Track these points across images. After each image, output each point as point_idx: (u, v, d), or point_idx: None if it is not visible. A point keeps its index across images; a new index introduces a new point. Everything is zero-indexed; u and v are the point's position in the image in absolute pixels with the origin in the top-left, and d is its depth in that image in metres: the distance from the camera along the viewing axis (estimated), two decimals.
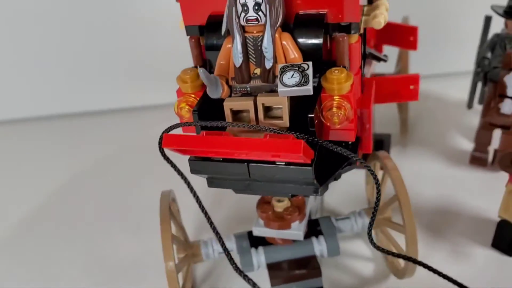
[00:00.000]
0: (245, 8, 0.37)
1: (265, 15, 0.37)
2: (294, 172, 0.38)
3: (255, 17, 0.37)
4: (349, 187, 0.64)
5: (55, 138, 0.90)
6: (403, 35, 0.58)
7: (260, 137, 0.37)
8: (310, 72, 0.36)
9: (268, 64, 0.38)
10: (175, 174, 0.42)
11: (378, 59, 0.51)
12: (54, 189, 0.74)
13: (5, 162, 0.84)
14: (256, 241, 0.51)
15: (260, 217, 0.49)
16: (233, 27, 0.38)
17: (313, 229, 0.51)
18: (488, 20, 0.63)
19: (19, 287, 0.58)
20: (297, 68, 0.37)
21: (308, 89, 0.36)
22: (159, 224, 0.47)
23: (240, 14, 0.37)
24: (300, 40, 0.39)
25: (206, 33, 0.41)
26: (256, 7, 0.37)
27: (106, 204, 0.70)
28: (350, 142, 0.44)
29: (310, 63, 0.37)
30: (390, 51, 0.61)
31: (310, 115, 0.37)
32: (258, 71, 0.39)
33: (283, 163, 0.38)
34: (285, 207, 0.48)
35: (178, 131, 0.40)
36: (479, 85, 0.67)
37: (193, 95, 0.41)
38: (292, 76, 0.37)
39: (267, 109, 0.39)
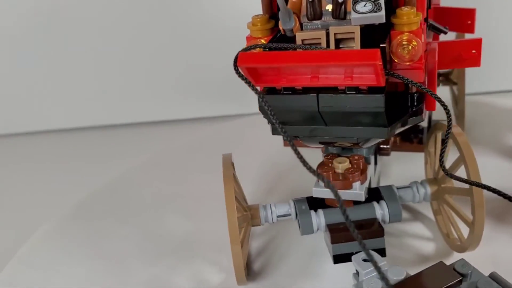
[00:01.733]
0: None
1: None
2: (365, 101, 0.38)
3: None
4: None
5: (112, 143, 0.94)
6: (460, 19, 0.59)
7: None
8: (382, 1, 0.38)
9: None
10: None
11: (439, 31, 0.52)
12: (112, 180, 0.75)
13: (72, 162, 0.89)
14: (315, 206, 0.50)
15: None
16: None
17: (374, 196, 0.50)
18: None
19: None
20: None
21: (380, 16, 0.37)
22: (222, 178, 0.47)
23: None
24: None
25: None
26: None
27: (157, 194, 0.70)
28: (415, 94, 0.44)
29: None
30: None
31: (382, 45, 0.38)
32: (329, 7, 0.40)
33: (354, 92, 0.38)
34: (346, 168, 0.48)
35: None
36: None
37: (262, 40, 0.43)
38: (365, 5, 0.38)
39: (338, 44, 0.40)
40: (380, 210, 0.49)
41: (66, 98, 0.97)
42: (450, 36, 0.66)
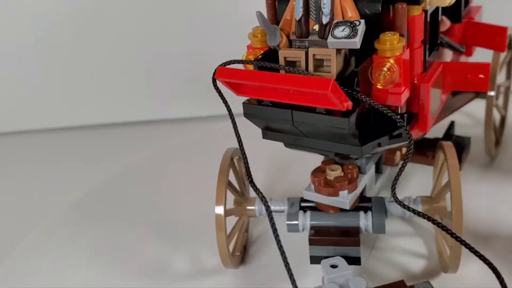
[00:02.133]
0: None
1: None
2: (330, 122, 0.40)
3: None
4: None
5: (118, 142, 0.97)
6: (491, 36, 0.57)
7: None
8: (360, 28, 0.39)
9: (325, 19, 0.41)
10: None
11: (454, 49, 0.51)
12: (110, 178, 0.79)
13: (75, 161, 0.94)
14: (307, 208, 0.53)
15: (312, 182, 0.51)
16: None
17: (365, 205, 0.52)
18: None
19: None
20: (349, 24, 0.40)
21: (354, 42, 0.39)
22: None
23: None
24: (360, 4, 0.41)
25: None
26: None
27: (157, 191, 0.73)
28: (405, 115, 0.45)
29: (362, 21, 0.39)
30: None
31: (355, 69, 0.40)
32: (316, 27, 0.42)
33: (323, 111, 0.40)
34: (336, 176, 0.50)
35: None
36: None
37: (262, 51, 0.46)
38: (343, 30, 0.39)
39: (318, 64, 0.42)
40: (364, 220, 0.51)
41: (63, 97, 0.98)
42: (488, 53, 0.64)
